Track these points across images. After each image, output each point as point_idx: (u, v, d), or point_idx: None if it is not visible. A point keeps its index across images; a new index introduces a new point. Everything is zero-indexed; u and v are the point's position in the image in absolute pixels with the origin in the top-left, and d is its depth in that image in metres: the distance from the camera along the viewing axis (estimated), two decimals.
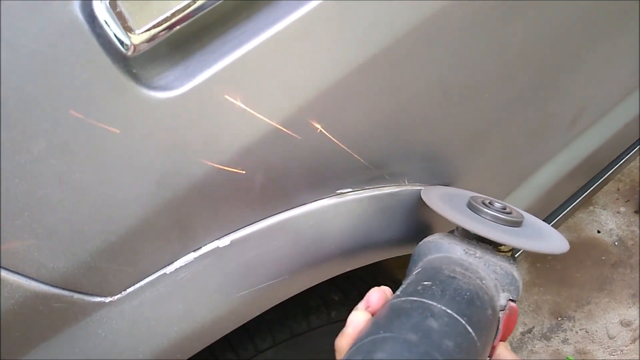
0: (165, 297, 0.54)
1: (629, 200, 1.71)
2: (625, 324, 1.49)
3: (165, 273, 0.54)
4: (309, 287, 0.65)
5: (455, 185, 0.74)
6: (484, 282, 0.53)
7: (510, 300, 0.55)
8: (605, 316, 1.51)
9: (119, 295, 0.52)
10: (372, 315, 0.50)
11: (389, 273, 1.08)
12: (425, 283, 0.50)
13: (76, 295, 0.50)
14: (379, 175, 0.64)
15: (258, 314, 0.62)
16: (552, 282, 1.61)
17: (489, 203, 0.62)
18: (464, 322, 0.46)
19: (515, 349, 1.51)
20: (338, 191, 0.62)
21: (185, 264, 0.54)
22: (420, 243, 0.60)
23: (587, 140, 0.93)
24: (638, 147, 1.19)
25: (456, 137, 0.69)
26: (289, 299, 0.74)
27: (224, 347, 0.84)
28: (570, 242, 1.76)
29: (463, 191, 0.70)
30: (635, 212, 1.68)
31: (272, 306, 0.63)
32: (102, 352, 0.53)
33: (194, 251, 0.55)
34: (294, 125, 0.52)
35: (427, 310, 0.46)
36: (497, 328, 0.52)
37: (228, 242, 0.56)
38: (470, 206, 0.62)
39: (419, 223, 0.71)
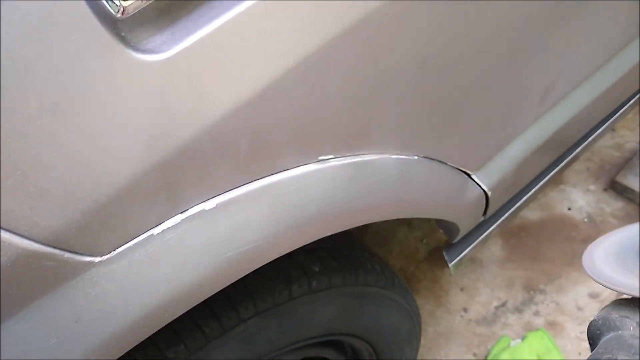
0: (154, 258, 0.56)
1: (598, 179, 1.77)
2: (594, 295, 1.55)
3: (153, 234, 0.55)
4: (292, 249, 0.67)
5: (432, 156, 0.77)
6: None
7: None
8: (575, 289, 1.58)
9: (108, 255, 0.54)
10: None
11: (366, 248, 1.11)
12: None
13: (67, 254, 0.51)
14: (360, 143, 0.66)
15: (243, 275, 0.64)
16: (525, 257, 1.67)
17: None
18: None
19: (489, 322, 1.56)
20: (320, 157, 0.64)
21: (173, 226, 0.56)
22: (591, 320, 0.47)
23: (558, 114, 0.97)
24: (606, 124, 1.24)
25: (433, 108, 0.72)
26: (271, 268, 0.77)
27: (208, 315, 0.86)
28: (543, 220, 1.81)
29: (630, 233, 0.54)
30: (604, 189, 1.74)
31: (257, 267, 0.65)
32: (92, 311, 0.55)
33: (181, 213, 0.56)
34: (278, 90, 0.54)
35: None
36: None
37: (214, 205, 0.58)
38: None
39: (397, 190, 0.74)
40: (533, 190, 1.18)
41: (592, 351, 0.46)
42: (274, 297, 0.91)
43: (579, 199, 1.75)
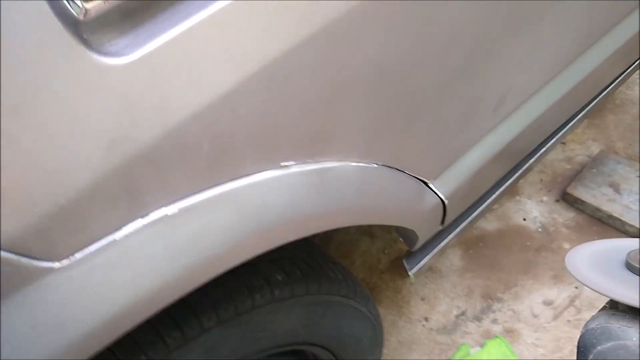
0: (115, 263, 0.56)
1: (550, 190, 1.84)
2: (548, 303, 1.60)
3: (114, 239, 0.55)
4: (254, 255, 0.67)
5: (391, 164, 0.79)
6: None
7: None
8: (530, 297, 1.62)
9: (67, 261, 0.53)
10: None
11: (329, 257, 1.12)
12: None
13: (24, 259, 0.50)
14: (321, 150, 0.68)
15: (205, 281, 0.64)
16: (483, 267, 1.71)
17: None
18: None
19: (449, 331, 1.59)
20: (282, 163, 0.65)
21: (134, 231, 0.56)
22: (583, 330, 0.50)
23: (511, 125, 1.01)
24: (557, 136, 1.30)
25: (392, 115, 0.74)
26: (233, 277, 0.77)
27: (170, 325, 0.85)
28: (500, 230, 1.86)
29: (615, 242, 0.58)
30: (557, 200, 1.81)
31: (218, 274, 0.65)
32: (50, 318, 0.54)
33: (142, 217, 0.56)
34: (240, 96, 0.55)
35: None
36: None
37: (176, 210, 0.58)
38: (631, 267, 0.50)
39: (358, 197, 0.75)
40: (489, 200, 1.22)
41: (582, 355, 0.48)
42: (237, 306, 0.90)
43: (533, 209, 1.81)
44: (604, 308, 0.51)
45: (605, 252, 0.55)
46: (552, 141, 1.32)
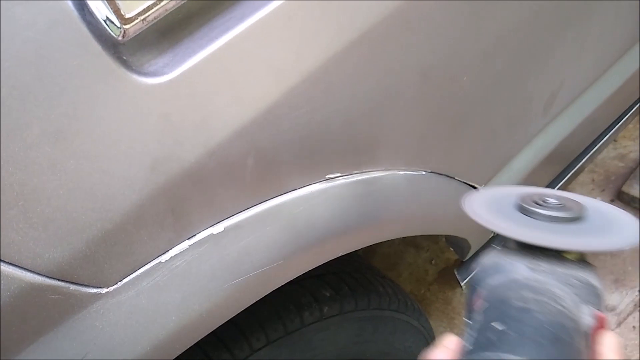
0: (162, 286, 0.54)
1: (604, 190, 1.76)
2: (610, 308, 1.52)
3: (160, 262, 0.54)
4: (303, 272, 0.65)
5: (440, 171, 0.76)
6: (562, 303, 0.44)
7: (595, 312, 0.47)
8: None
9: (115, 286, 0.52)
10: None
11: (376, 270, 1.09)
12: (498, 327, 0.42)
13: (72, 287, 0.50)
14: (367, 160, 0.65)
15: (254, 301, 0.62)
16: None
17: (541, 200, 0.54)
18: None
19: None
20: (327, 176, 0.63)
21: (180, 252, 0.55)
22: (474, 266, 0.52)
23: (562, 124, 0.96)
24: (608, 134, 1.23)
25: (438, 121, 0.71)
26: (281, 295, 0.75)
27: (219, 347, 0.83)
28: None
29: (510, 189, 0.61)
30: (612, 200, 1.72)
31: (268, 292, 0.63)
32: (100, 345, 0.53)
33: (188, 239, 0.55)
34: (283, 108, 0.54)
35: None
36: (589, 349, 0.44)
37: (222, 229, 0.56)
38: (521, 208, 0.54)
39: (407, 206, 0.72)
40: None
41: (472, 292, 0.50)
42: (286, 325, 0.88)
43: None
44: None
45: (499, 197, 0.58)
46: (604, 139, 1.26)
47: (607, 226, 0.52)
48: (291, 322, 0.89)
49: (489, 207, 0.55)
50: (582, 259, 0.50)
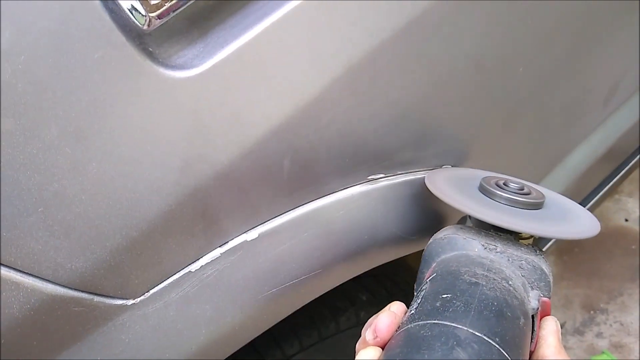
0: (192, 298, 0.50)
1: None
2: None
3: (190, 271, 0.50)
4: (344, 281, 0.60)
5: (492, 170, 0.70)
6: (510, 283, 0.46)
7: (542, 297, 0.48)
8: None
9: (142, 297, 0.48)
10: (383, 346, 0.42)
11: (414, 271, 1.04)
12: (445, 296, 0.42)
13: (97, 298, 0.46)
14: (413, 159, 0.60)
15: (291, 312, 0.58)
16: (582, 274, 1.56)
17: (504, 184, 0.55)
18: (497, 345, 0.38)
19: None
20: (370, 177, 0.57)
21: (211, 261, 0.50)
22: (431, 240, 0.53)
23: (622, 118, 0.89)
24: None
25: (491, 115, 0.65)
26: (315, 300, 0.70)
27: (250, 354, 0.80)
28: (598, 233, 1.69)
29: (475, 171, 0.62)
30: None
31: (306, 303, 0.58)
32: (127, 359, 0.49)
33: (220, 246, 0.51)
34: (323, 104, 0.49)
35: (452, 337, 0.38)
36: (533, 333, 0.46)
37: (256, 235, 0.52)
38: (483, 189, 0.55)
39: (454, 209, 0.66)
40: (591, 203, 1.09)
41: (425, 266, 0.52)
42: (320, 331, 0.84)
43: (636, 208, 1.63)
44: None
45: (462, 177, 0.59)
46: None
47: (563, 216, 0.55)
48: (326, 327, 0.85)
49: (452, 185, 0.55)
50: (536, 245, 0.52)
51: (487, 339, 0.38)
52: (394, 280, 0.94)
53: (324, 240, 0.56)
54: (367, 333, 0.44)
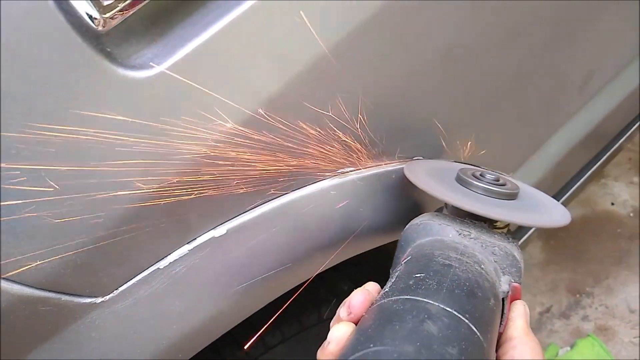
0: (161, 294, 0.51)
1: None
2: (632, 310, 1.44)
3: (159, 268, 0.50)
4: (316, 274, 0.61)
5: (467, 161, 0.71)
6: (482, 267, 0.47)
7: (512, 282, 0.50)
8: (625, 290, 1.47)
9: (111, 295, 0.49)
10: (357, 322, 0.43)
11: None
12: (418, 275, 0.43)
13: (64, 297, 0.46)
14: (384, 151, 0.60)
15: (263, 305, 0.59)
16: (568, 259, 1.57)
17: (480, 175, 0.57)
18: (466, 320, 0.39)
19: (534, 330, 1.46)
20: (339, 170, 0.58)
21: (180, 257, 0.51)
22: (407, 226, 0.54)
23: (599, 105, 0.89)
24: None
25: (464, 107, 0.65)
26: (296, 290, 0.71)
27: (232, 345, 0.80)
28: (584, 217, 1.71)
29: (452, 163, 0.65)
30: None
31: (277, 297, 0.59)
32: (97, 357, 0.50)
33: (188, 243, 0.51)
34: (289, 98, 0.49)
35: (424, 311, 0.39)
36: (502, 315, 0.47)
37: (224, 231, 0.52)
38: (460, 180, 0.57)
39: (429, 199, 0.67)
40: (573, 188, 1.10)
41: (401, 250, 0.53)
42: (302, 321, 0.85)
43: (622, 192, 1.64)
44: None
45: (440, 168, 0.61)
46: None
47: (535, 206, 0.57)
48: (308, 317, 0.85)
49: (431, 176, 0.57)
50: (508, 233, 0.54)
51: (457, 314, 0.39)
52: (376, 269, 0.95)
53: (295, 234, 0.56)
54: (341, 310, 0.45)
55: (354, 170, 0.59)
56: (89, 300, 0.48)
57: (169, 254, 0.50)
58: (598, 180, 1.67)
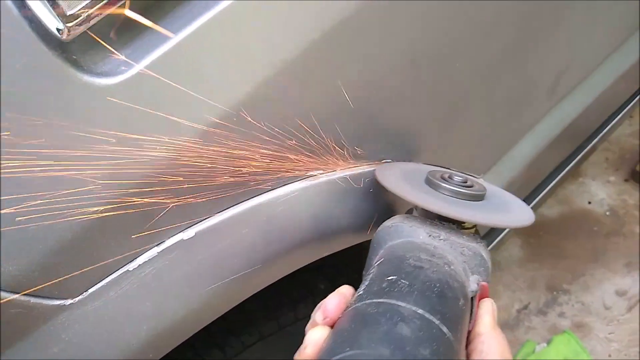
0: (131, 295, 0.52)
1: (618, 169, 1.70)
2: (621, 293, 1.47)
3: (128, 270, 0.51)
4: (287, 274, 0.62)
5: (436, 163, 0.72)
6: (452, 267, 0.49)
7: (480, 282, 0.52)
8: (601, 287, 1.50)
9: (80, 297, 0.50)
10: (332, 326, 0.44)
11: None
12: (390, 278, 0.45)
13: (33, 300, 0.47)
14: (352, 155, 0.61)
15: (235, 304, 0.60)
16: (546, 256, 1.60)
17: (449, 177, 0.59)
18: (437, 322, 0.41)
19: (511, 327, 1.50)
20: (309, 173, 0.59)
21: (149, 259, 0.52)
22: (379, 228, 0.55)
23: (568, 107, 0.91)
24: (622, 112, 1.17)
25: (431, 110, 0.66)
26: (273, 290, 0.72)
27: (209, 344, 0.82)
28: (562, 215, 1.74)
29: (422, 166, 0.66)
30: (626, 180, 1.66)
31: (249, 296, 0.60)
32: (68, 358, 0.51)
33: (157, 245, 0.52)
34: (256, 104, 0.50)
35: (397, 314, 0.40)
36: (471, 313, 0.49)
37: (193, 234, 0.53)
38: (429, 182, 0.59)
39: (399, 201, 0.68)
40: (549, 187, 1.12)
41: (373, 252, 0.54)
42: (279, 320, 0.86)
43: (599, 191, 1.67)
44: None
45: (410, 171, 0.62)
46: (619, 117, 1.20)
47: (502, 207, 0.58)
48: (285, 316, 0.87)
49: (401, 178, 0.59)
50: (476, 234, 0.55)
51: (428, 316, 0.41)
52: (353, 268, 0.96)
53: (265, 236, 0.58)
54: (317, 314, 0.46)
55: (324, 173, 0.60)
56: (58, 302, 0.49)
57: (139, 256, 0.51)
58: (575, 179, 1.70)
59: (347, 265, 0.97)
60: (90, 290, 0.50)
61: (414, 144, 0.68)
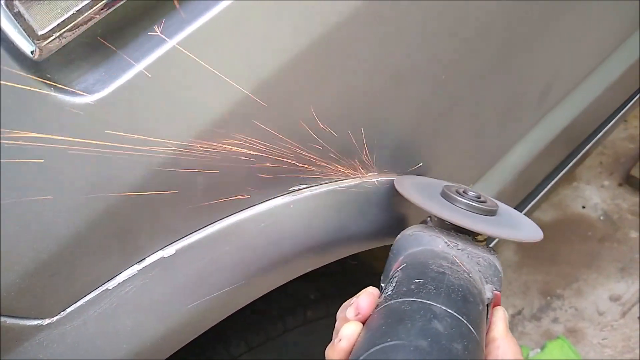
0: (111, 314, 0.51)
1: (612, 173, 1.69)
2: (615, 298, 1.47)
3: (107, 289, 0.51)
4: (270, 290, 0.62)
5: (425, 174, 0.71)
6: (470, 275, 0.52)
7: (494, 290, 0.55)
8: (595, 292, 1.50)
9: (58, 316, 0.49)
10: (364, 322, 0.47)
11: (368, 266, 1.05)
12: (418, 280, 0.48)
13: (9, 320, 0.47)
14: (337, 169, 0.61)
15: (216, 322, 0.59)
16: (540, 261, 1.60)
17: (463, 192, 0.61)
18: (465, 321, 0.44)
19: None
20: (292, 188, 0.58)
21: (129, 278, 0.51)
22: (399, 236, 0.58)
23: (559, 115, 0.90)
24: (617, 116, 1.17)
25: (418, 123, 0.66)
26: (261, 300, 0.71)
27: (196, 354, 0.81)
28: (556, 220, 1.73)
29: (435, 180, 0.69)
30: (620, 184, 1.66)
31: (231, 313, 0.60)
32: None
33: (137, 263, 0.51)
34: (235, 121, 0.49)
35: (429, 312, 0.44)
36: (486, 319, 0.52)
37: (173, 252, 0.52)
38: (445, 195, 0.61)
39: (381, 215, 0.68)
40: (542, 193, 1.11)
41: (393, 259, 0.57)
42: (267, 330, 0.85)
43: (593, 195, 1.67)
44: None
45: (427, 184, 0.66)
46: (613, 121, 1.19)
47: (512, 223, 0.62)
48: (273, 326, 0.86)
49: (420, 191, 0.62)
50: (490, 245, 0.58)
51: (457, 315, 0.44)
52: (345, 277, 0.96)
53: (247, 253, 0.57)
54: (349, 311, 0.48)
55: (308, 187, 0.59)
56: (35, 322, 0.48)
57: (118, 275, 0.51)
58: (569, 183, 1.69)
59: (336, 274, 0.96)
60: (69, 310, 0.49)
61: (399, 156, 0.68)
